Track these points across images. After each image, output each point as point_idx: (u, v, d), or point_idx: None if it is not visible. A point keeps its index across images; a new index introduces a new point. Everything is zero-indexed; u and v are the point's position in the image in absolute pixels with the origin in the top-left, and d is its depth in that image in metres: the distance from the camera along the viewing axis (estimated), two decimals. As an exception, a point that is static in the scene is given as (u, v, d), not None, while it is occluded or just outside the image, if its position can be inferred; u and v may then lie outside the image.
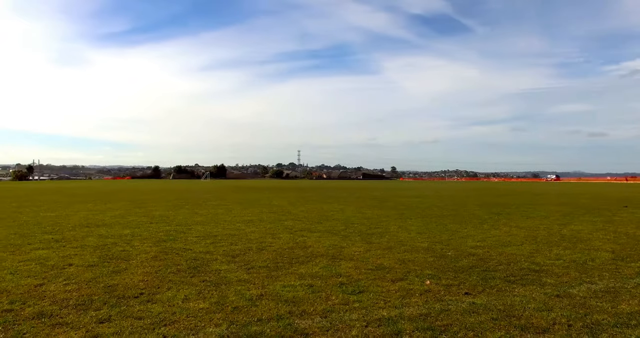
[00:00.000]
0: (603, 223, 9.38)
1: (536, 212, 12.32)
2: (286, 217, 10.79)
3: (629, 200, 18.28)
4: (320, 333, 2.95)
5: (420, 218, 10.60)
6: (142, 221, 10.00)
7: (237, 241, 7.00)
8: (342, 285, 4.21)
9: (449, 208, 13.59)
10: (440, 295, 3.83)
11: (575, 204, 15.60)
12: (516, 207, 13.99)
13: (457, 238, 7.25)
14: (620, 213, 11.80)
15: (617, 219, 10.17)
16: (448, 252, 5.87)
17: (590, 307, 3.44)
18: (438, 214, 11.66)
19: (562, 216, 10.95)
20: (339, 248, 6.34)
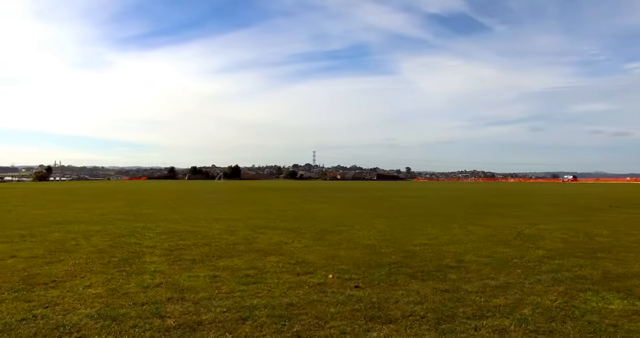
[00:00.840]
0: (576, 223, 9.27)
1: (517, 212, 12.28)
2: (262, 216, 11.01)
3: (630, 200, 18.05)
4: (177, 315, 3.16)
5: (395, 217, 10.69)
6: (120, 218, 10.33)
7: (191, 237, 7.24)
8: (245, 276, 4.40)
9: (434, 208, 13.65)
10: (329, 287, 3.98)
11: (568, 205, 15.48)
12: (502, 207, 13.97)
13: (411, 236, 7.32)
14: (603, 214, 11.67)
15: (594, 219, 10.05)
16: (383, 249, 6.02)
17: (464, 301, 3.53)
18: (417, 213, 11.74)
19: (540, 216, 10.89)
20: (282, 244, 6.51)
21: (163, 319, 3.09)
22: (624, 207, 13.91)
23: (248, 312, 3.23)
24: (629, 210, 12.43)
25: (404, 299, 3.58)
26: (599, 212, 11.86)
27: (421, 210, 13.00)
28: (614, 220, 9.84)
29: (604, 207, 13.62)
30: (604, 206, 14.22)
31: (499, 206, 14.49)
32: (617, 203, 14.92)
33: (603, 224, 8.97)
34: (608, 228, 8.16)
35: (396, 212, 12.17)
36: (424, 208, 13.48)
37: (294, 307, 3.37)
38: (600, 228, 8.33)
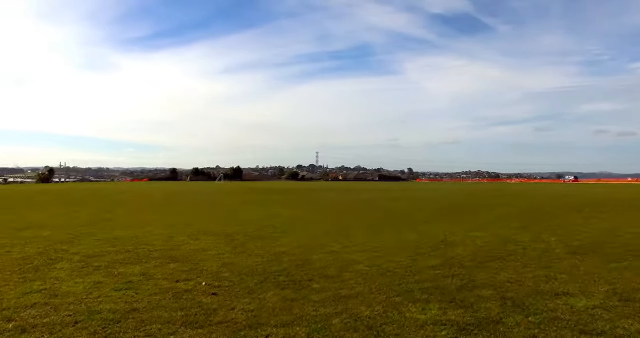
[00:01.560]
0: (515, 229, 9.34)
1: (475, 215, 12.42)
2: (215, 221, 11.36)
3: (612, 201, 18.27)
4: (24, 319, 3.51)
5: (345, 222, 11.00)
6: (75, 224, 10.71)
7: (123, 243, 7.55)
8: (127, 283, 4.77)
9: (401, 212, 13.96)
10: (190, 294, 4.32)
11: (536, 207, 15.57)
12: (467, 210, 14.19)
13: (333, 242, 7.61)
14: (560, 218, 11.79)
15: (543, 224, 10.12)
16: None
17: (290, 309, 3.85)
18: (375, 217, 12.08)
19: (490, 220, 11.04)
20: (200, 251, 6.82)
21: (8, 322, 3.48)
22: (594, 211, 14.08)
23: (85, 316, 3.61)
24: (599, 215, 12.61)
25: (238, 306, 3.93)
26: (557, 217, 11.95)
27: (385, 213, 13.32)
28: (565, 225, 10.01)
29: (572, 211, 13.81)
30: (575, 209, 14.42)
31: (466, 209, 14.75)
32: (587, 207, 15.08)
33: (546, 230, 9.09)
34: (540, 235, 8.34)
35: (354, 216, 12.47)
36: (390, 212, 13.80)
37: (135, 312, 3.75)
38: (531, 234, 8.50)
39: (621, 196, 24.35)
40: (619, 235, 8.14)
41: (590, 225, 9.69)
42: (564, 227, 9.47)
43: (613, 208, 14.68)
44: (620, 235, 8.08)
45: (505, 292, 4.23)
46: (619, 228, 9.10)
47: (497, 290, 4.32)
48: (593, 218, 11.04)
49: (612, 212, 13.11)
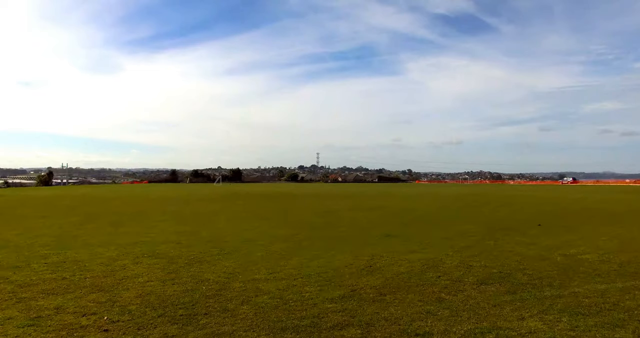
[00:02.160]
0: (454, 251, 9.59)
1: (432, 229, 12.70)
2: (168, 240, 11.65)
3: (583, 211, 18.53)
4: None
5: (294, 242, 11.30)
6: (37, 243, 11.04)
7: (65, 269, 7.83)
8: (36, 318, 5.04)
9: (361, 226, 14.19)
10: (80, 330, 4.64)
11: (500, 219, 15.89)
12: (420, 225, 14.50)
13: (261, 268, 7.95)
14: (508, 237, 11.88)
15: (487, 244, 10.39)
16: None
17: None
18: (334, 232, 12.36)
19: (442, 237, 11.25)
20: (130, 278, 7.07)
21: None
22: (554, 225, 14.29)
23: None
24: (554, 230, 12.81)
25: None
26: (508, 235, 12.09)
27: (347, 227, 13.58)
28: (505, 245, 10.14)
29: (533, 225, 14.03)
30: (538, 222, 14.66)
31: (430, 222, 14.98)
32: (552, 220, 15.29)
33: (482, 252, 9.27)
34: (468, 259, 8.55)
35: (314, 232, 12.64)
36: (354, 225, 14.09)
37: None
38: (462, 257, 8.74)
39: (600, 205, 24.60)
40: (545, 258, 8.42)
41: (531, 246, 9.95)
42: (503, 247, 9.74)
43: (573, 222, 14.96)
44: (546, 258, 8.37)
45: (371, 332, 4.53)
46: (554, 249, 9.37)
47: (366, 328, 4.63)
48: (542, 236, 11.30)
49: (567, 227, 13.37)
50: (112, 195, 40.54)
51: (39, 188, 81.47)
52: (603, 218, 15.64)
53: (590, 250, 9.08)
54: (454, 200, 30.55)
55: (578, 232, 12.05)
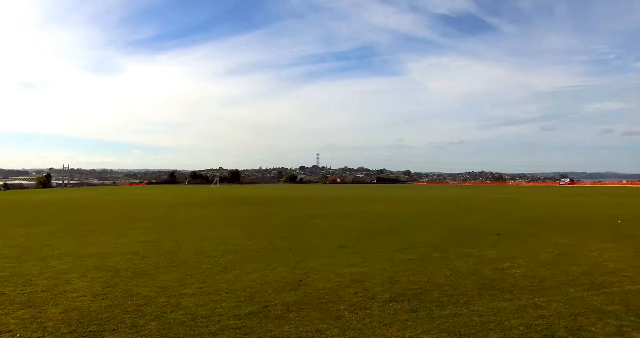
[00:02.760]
0: (391, 266, 10.12)
1: (393, 241, 13.03)
2: (128, 251, 11.97)
3: (555, 220, 18.76)
4: None
5: (245, 253, 11.60)
6: (2, 255, 11.41)
7: (13, 284, 8.20)
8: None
9: (324, 234, 14.43)
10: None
11: (464, 230, 16.21)
12: (400, 231, 14.83)
13: (195, 282, 8.29)
14: (460, 249, 12.15)
15: (429, 258, 10.71)
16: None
17: None
18: (297, 243, 12.65)
19: (396, 249, 11.54)
20: (66, 293, 7.27)
21: None
22: (511, 236, 14.44)
23: None
24: (505, 242, 12.92)
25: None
26: (462, 246, 12.40)
27: (316, 237, 13.86)
28: (445, 261, 10.46)
29: (492, 235, 14.26)
30: (498, 231, 14.85)
31: (398, 232, 15.25)
32: (548, 222, 15.54)
33: (421, 266, 9.62)
34: (402, 274, 8.95)
35: (276, 241, 12.98)
36: (318, 234, 14.42)
37: None
38: (392, 273, 9.12)
39: (576, 211, 24.83)
40: (475, 273, 8.70)
41: (473, 259, 10.19)
42: (444, 261, 10.01)
43: (537, 231, 15.22)
44: (476, 273, 8.65)
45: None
46: (492, 263, 9.64)
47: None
48: (492, 248, 11.53)
49: (525, 237, 13.61)
50: (102, 200, 40.98)
51: (35, 191, 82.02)
52: (567, 227, 15.91)
53: (525, 264, 9.35)
54: (435, 205, 30.84)
55: (529, 243, 12.29)
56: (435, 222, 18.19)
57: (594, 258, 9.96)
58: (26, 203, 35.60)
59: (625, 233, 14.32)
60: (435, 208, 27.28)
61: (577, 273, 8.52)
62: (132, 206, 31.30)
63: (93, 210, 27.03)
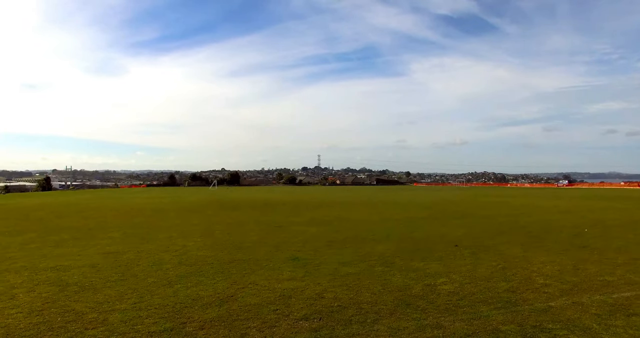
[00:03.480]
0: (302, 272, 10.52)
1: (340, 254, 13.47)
2: (89, 263, 12.34)
3: (527, 226, 19.02)
4: None
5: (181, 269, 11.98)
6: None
7: None
8: None
9: (280, 246, 14.87)
10: None
11: (429, 236, 16.59)
12: (353, 242, 15.17)
13: (131, 298, 8.67)
14: (401, 262, 12.49)
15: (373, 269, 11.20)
16: None
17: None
18: (227, 256, 13.06)
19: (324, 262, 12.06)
20: (5, 309, 7.83)
21: None
22: (467, 246, 14.61)
23: None
24: (461, 252, 13.27)
25: None
26: (404, 259, 12.76)
27: (254, 253, 14.17)
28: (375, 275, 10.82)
29: (450, 245, 14.57)
30: (455, 243, 15.11)
31: (353, 242, 15.56)
32: (523, 229, 15.71)
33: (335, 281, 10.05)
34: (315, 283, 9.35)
35: (220, 252, 13.38)
36: (267, 249, 14.70)
37: None
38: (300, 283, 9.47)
39: (549, 219, 25.04)
40: (407, 288, 9.02)
41: (413, 273, 10.51)
42: (384, 275, 10.31)
43: (496, 242, 15.50)
44: (407, 289, 8.97)
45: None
46: (428, 278, 9.95)
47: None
48: (438, 261, 11.81)
49: (477, 250, 13.93)
50: (93, 204, 41.46)
51: (32, 194, 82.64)
52: (528, 237, 16.16)
53: (459, 279, 9.62)
54: (421, 209, 31.13)
55: (479, 255, 12.44)
56: (403, 231, 18.49)
57: (529, 273, 10.26)
58: (16, 209, 36.12)
59: (583, 243, 14.55)
60: (418, 214, 27.58)
61: (502, 289, 8.80)
62: (118, 211, 31.74)
63: (78, 216, 27.45)
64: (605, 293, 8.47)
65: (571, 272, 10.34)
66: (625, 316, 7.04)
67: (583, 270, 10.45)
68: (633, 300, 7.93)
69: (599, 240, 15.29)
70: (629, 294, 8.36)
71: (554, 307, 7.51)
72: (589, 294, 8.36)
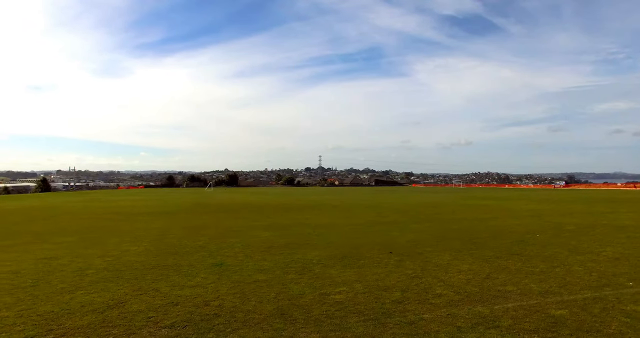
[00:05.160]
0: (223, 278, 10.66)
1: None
2: (47, 270, 12.57)
3: (485, 230, 19.08)
4: None
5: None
6: None
7: None
8: None
9: (218, 251, 15.07)
10: None
11: (374, 242, 16.68)
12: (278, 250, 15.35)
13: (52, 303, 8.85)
14: (322, 269, 12.52)
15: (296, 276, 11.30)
16: None
17: None
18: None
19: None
20: None
21: None
22: (405, 253, 14.59)
23: None
24: (391, 259, 13.33)
25: None
26: (327, 267, 12.86)
27: (185, 258, 14.31)
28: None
29: (385, 253, 14.64)
30: (389, 250, 15.19)
31: (291, 247, 15.74)
32: (389, 250, 15.74)
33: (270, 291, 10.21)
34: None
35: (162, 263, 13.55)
36: (199, 255, 14.84)
37: None
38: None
39: (511, 222, 25.07)
40: (301, 297, 9.15)
41: (319, 282, 10.59)
42: (290, 284, 10.38)
43: (429, 249, 15.57)
44: (302, 297, 9.11)
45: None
46: (324, 287, 10.06)
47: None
48: (352, 270, 11.91)
49: (396, 259, 13.97)
50: (78, 207, 41.92)
51: (29, 195, 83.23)
52: (470, 243, 16.17)
53: (360, 289, 9.55)
54: (396, 212, 31.20)
55: (403, 263, 12.41)
56: (352, 236, 18.58)
57: (436, 282, 10.31)
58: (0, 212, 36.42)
59: (519, 250, 14.55)
60: (386, 218, 27.63)
61: (392, 299, 8.81)
62: (92, 214, 32.05)
63: (48, 220, 27.75)
64: (491, 304, 8.54)
65: (479, 281, 10.40)
66: (485, 328, 7.14)
67: (491, 280, 10.52)
68: (510, 311, 8.02)
69: (536, 247, 15.34)
70: (512, 305, 8.44)
71: (424, 320, 7.59)
72: (474, 305, 8.44)
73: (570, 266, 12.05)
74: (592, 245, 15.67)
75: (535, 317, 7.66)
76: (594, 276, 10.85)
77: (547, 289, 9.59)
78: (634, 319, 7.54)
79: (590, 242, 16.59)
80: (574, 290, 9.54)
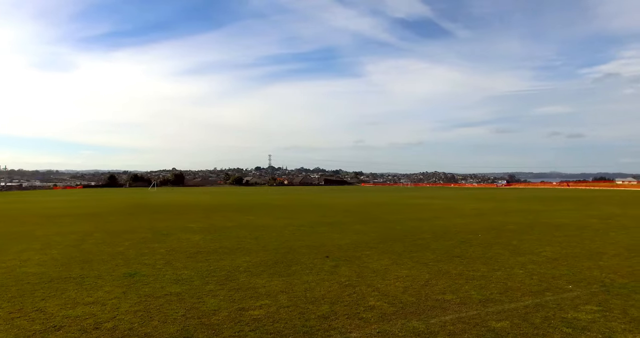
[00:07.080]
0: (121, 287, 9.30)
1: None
2: None
3: (413, 232, 18.49)
4: None
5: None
6: None
7: None
8: None
9: (136, 258, 13.54)
10: None
11: (315, 245, 15.69)
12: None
13: None
14: (249, 277, 11.50)
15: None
16: None
17: None
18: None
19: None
20: None
21: None
22: (342, 257, 13.92)
23: None
24: (326, 265, 12.47)
25: None
26: (252, 275, 11.84)
27: (93, 269, 12.83)
28: None
29: (320, 257, 13.72)
30: (326, 254, 14.39)
31: (225, 253, 14.48)
32: (329, 254, 14.97)
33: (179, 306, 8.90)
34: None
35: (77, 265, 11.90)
36: (116, 262, 13.36)
37: None
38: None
39: (455, 222, 25.04)
40: (219, 312, 7.94)
41: (239, 292, 9.52)
42: (205, 297, 9.27)
43: (366, 253, 14.84)
44: (220, 312, 7.88)
45: None
46: (242, 301, 8.97)
47: None
48: (283, 278, 10.92)
49: (331, 265, 13.10)
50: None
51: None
52: (413, 246, 15.65)
53: (285, 301, 8.61)
54: (338, 213, 30.50)
55: (338, 270, 11.64)
56: (290, 238, 17.56)
57: (371, 291, 9.44)
58: None
59: (461, 252, 14.05)
60: (330, 218, 26.83)
61: (318, 314, 7.88)
62: (11, 218, 29.18)
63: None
64: (428, 316, 7.71)
65: (416, 289, 9.60)
66: (419, 347, 6.22)
67: (430, 287, 9.75)
68: (447, 326, 7.19)
69: (479, 248, 14.90)
70: (450, 317, 7.63)
71: (349, 338, 6.59)
72: (408, 319, 7.56)
73: (512, 269, 11.57)
74: (532, 245, 15.51)
75: (475, 332, 6.86)
76: (535, 279, 10.38)
77: (487, 297, 8.91)
78: (575, 329, 6.96)
79: (531, 241, 16.48)
80: (514, 296, 8.94)
